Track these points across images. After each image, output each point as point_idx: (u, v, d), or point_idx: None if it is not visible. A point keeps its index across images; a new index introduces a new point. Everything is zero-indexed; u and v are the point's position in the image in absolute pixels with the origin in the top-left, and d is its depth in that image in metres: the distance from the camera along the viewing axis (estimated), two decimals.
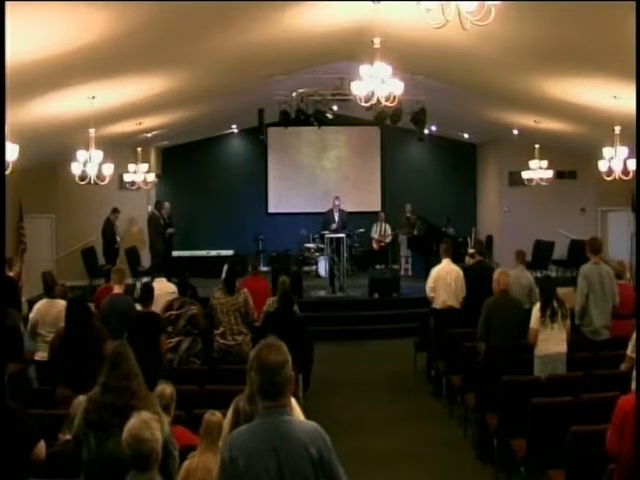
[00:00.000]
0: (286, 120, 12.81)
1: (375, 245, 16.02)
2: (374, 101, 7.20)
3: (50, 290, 7.55)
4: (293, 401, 3.28)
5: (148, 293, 7.27)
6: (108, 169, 10.36)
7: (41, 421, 4.83)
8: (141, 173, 13.30)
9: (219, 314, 7.54)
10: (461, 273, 8.94)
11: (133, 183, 13.27)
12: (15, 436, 3.98)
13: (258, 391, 2.81)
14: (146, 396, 4.05)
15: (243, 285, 8.28)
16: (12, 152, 7.24)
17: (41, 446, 4.19)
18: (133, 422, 3.28)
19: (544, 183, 13.36)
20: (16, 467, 3.99)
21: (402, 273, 15.18)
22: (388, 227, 16.01)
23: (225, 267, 8.25)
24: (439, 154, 17.53)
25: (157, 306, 7.47)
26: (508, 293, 7.28)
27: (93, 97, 8.41)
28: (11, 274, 8.87)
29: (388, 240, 15.92)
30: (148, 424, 3.27)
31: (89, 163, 9.85)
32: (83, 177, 10.01)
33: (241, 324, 7.57)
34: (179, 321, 7.30)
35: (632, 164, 9.77)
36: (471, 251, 9.96)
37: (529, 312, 6.89)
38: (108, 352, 4.19)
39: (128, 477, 3.23)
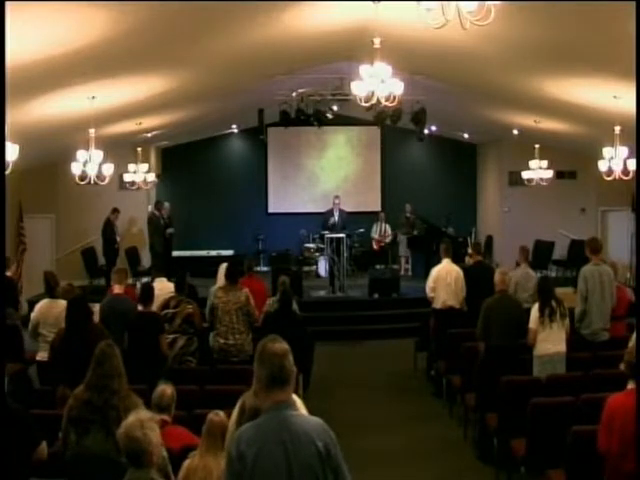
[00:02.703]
0: (286, 120, 12.81)
1: (375, 245, 16.01)
2: (374, 101, 7.21)
3: (52, 290, 7.55)
4: (299, 401, 3.29)
5: (148, 293, 7.27)
6: (108, 169, 10.36)
7: (42, 421, 4.84)
8: (141, 173, 13.30)
9: (220, 313, 7.54)
10: (461, 273, 8.93)
11: (133, 183, 13.27)
12: (17, 437, 3.99)
13: (266, 383, 2.83)
14: (128, 395, 4.07)
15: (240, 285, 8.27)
16: (12, 152, 7.24)
17: (43, 447, 4.21)
18: (130, 420, 3.30)
19: (544, 183, 13.36)
20: (18, 468, 4.00)
21: (402, 273, 15.18)
22: (388, 227, 16.00)
23: (220, 268, 8.24)
24: (439, 154, 17.53)
25: (156, 306, 7.48)
26: (507, 293, 7.29)
27: (93, 97, 8.41)
28: (8, 274, 8.86)
29: (388, 240, 15.91)
30: (142, 424, 3.28)
31: (89, 163, 9.85)
32: (83, 177, 10.01)
33: (242, 323, 7.56)
34: (175, 319, 7.30)
35: (632, 164, 9.77)
36: (470, 251, 9.97)
37: (529, 312, 6.89)
38: (95, 351, 4.22)
39: (127, 474, 3.24)
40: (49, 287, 7.60)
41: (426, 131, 13.78)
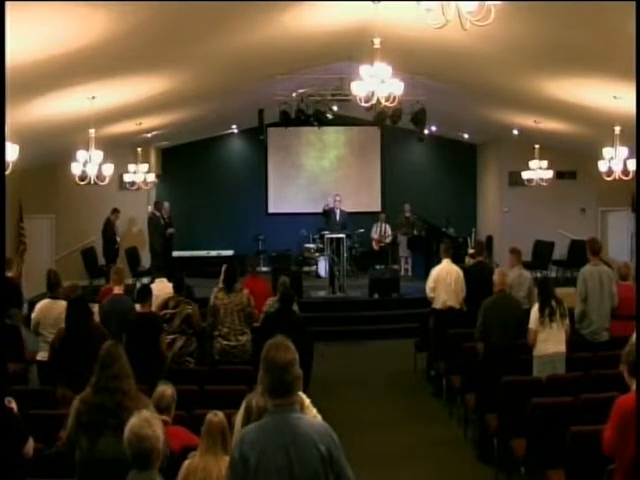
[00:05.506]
0: (286, 120, 12.80)
1: (375, 245, 16.01)
2: (374, 101, 7.21)
3: (52, 288, 7.55)
4: (307, 401, 3.28)
5: (146, 293, 7.27)
6: (108, 169, 10.36)
7: (42, 421, 4.85)
8: (141, 173, 13.30)
9: (222, 314, 7.54)
10: (461, 273, 8.94)
11: (133, 183, 13.28)
12: (9, 437, 3.98)
13: (267, 390, 2.83)
14: (138, 396, 4.05)
15: (243, 286, 8.27)
16: (12, 152, 7.24)
17: (30, 444, 4.21)
18: (134, 420, 3.27)
19: (544, 183, 13.36)
20: (11, 467, 3.99)
21: (402, 273, 15.18)
22: (388, 227, 16.00)
23: (223, 268, 8.24)
24: (439, 154, 17.53)
25: (155, 306, 7.48)
26: (506, 293, 7.28)
27: (93, 97, 8.41)
28: (10, 274, 8.85)
29: (388, 240, 15.91)
30: (149, 422, 3.26)
31: (89, 163, 9.85)
32: (83, 177, 10.01)
33: (243, 324, 7.57)
34: (174, 320, 7.30)
35: (632, 164, 9.78)
36: (471, 251, 9.97)
37: (528, 312, 6.89)
38: (100, 353, 4.19)
39: (129, 476, 3.23)
40: (50, 285, 7.60)
41: (426, 131, 13.77)
